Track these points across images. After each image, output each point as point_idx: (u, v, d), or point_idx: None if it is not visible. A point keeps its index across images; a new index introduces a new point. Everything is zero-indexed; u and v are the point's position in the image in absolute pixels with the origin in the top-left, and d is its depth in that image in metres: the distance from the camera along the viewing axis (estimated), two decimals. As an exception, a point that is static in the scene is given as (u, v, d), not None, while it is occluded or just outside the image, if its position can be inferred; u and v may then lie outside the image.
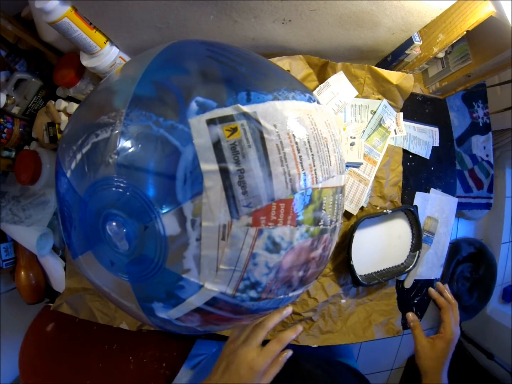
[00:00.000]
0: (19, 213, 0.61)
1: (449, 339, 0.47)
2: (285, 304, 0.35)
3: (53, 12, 0.44)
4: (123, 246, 0.29)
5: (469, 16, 0.47)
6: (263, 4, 0.45)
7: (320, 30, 0.52)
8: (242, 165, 0.27)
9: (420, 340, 0.49)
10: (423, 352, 0.48)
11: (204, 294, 0.29)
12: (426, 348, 0.48)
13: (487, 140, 1.18)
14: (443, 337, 0.47)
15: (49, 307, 0.63)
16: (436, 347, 0.47)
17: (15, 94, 0.62)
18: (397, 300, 0.63)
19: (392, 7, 0.47)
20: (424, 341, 0.49)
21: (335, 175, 0.33)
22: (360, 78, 0.61)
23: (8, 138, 0.62)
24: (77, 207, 0.31)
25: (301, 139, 0.29)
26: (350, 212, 0.59)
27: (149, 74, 0.31)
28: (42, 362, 0.62)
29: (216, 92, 0.28)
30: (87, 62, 0.53)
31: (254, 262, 0.29)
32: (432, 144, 0.67)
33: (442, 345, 0.47)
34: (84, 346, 0.63)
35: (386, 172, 0.62)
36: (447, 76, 0.64)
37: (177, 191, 0.27)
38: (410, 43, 0.56)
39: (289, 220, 0.29)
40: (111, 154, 0.28)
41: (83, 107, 0.35)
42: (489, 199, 1.21)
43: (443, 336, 0.47)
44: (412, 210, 0.61)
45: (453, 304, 0.52)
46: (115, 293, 0.34)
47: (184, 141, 0.27)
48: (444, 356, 0.46)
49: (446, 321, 0.49)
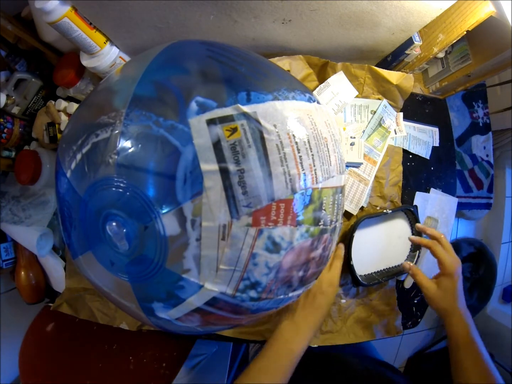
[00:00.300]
0: (19, 213, 0.61)
1: (450, 272, 0.46)
2: (285, 304, 0.35)
3: (53, 12, 0.44)
4: (123, 246, 0.29)
5: (469, 16, 0.47)
6: (263, 4, 0.45)
7: (320, 30, 0.52)
8: (242, 165, 0.27)
9: (425, 284, 0.47)
10: (432, 294, 0.47)
11: (204, 294, 0.29)
12: (433, 290, 0.47)
13: (487, 140, 1.18)
14: (444, 273, 0.46)
15: (49, 307, 0.63)
16: (442, 285, 0.46)
17: (15, 94, 0.62)
18: (397, 300, 0.63)
19: (392, 7, 0.47)
20: (429, 283, 0.47)
21: (335, 175, 0.33)
22: (360, 78, 0.61)
23: (8, 138, 0.62)
24: (77, 207, 0.31)
25: (301, 139, 0.29)
26: (350, 212, 0.59)
27: (149, 74, 0.31)
28: (42, 362, 0.62)
29: (216, 92, 0.28)
30: (87, 62, 0.53)
31: (254, 262, 0.29)
32: (432, 144, 0.67)
33: (446, 282, 0.46)
34: (84, 346, 0.63)
35: (386, 172, 0.62)
36: (447, 76, 0.64)
37: (177, 191, 0.27)
38: (410, 43, 0.56)
39: (289, 220, 0.29)
40: (111, 154, 0.28)
41: (83, 107, 0.35)
42: (489, 199, 1.21)
43: (444, 272, 0.46)
44: (412, 210, 0.61)
45: (438, 237, 0.49)
46: (115, 293, 0.34)
47: (184, 141, 0.27)
48: (454, 290, 0.45)
49: (440, 257, 0.47)
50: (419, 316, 0.66)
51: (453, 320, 0.44)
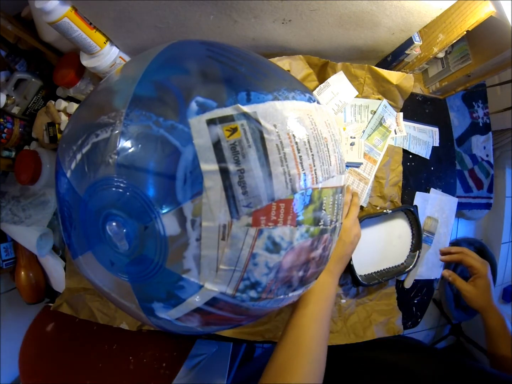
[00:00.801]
0: (19, 213, 0.61)
1: (484, 273, 0.53)
2: (285, 304, 0.35)
3: (53, 12, 0.44)
4: (123, 246, 0.29)
5: (469, 16, 0.47)
6: (263, 4, 0.45)
7: (320, 30, 0.52)
8: (242, 165, 0.27)
9: (464, 288, 0.55)
10: (472, 295, 0.54)
11: (204, 294, 0.29)
12: (472, 291, 0.54)
13: (487, 140, 1.18)
14: (479, 275, 0.54)
15: (49, 307, 0.63)
16: (479, 286, 0.53)
17: (15, 94, 0.62)
18: (397, 300, 0.63)
19: (392, 7, 0.47)
20: (468, 286, 0.55)
21: (335, 175, 0.33)
22: (360, 78, 0.61)
23: (8, 138, 0.62)
24: (77, 207, 0.31)
25: (301, 139, 0.29)
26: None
27: (149, 74, 0.31)
28: (42, 362, 0.62)
29: (216, 92, 0.28)
30: (87, 62, 0.53)
31: (254, 262, 0.29)
32: (432, 144, 0.67)
33: (482, 282, 0.53)
34: (84, 346, 0.63)
35: (386, 172, 0.62)
36: (447, 76, 0.64)
37: (177, 191, 0.27)
38: (410, 43, 0.56)
39: (289, 220, 0.29)
40: (111, 154, 0.28)
41: (83, 107, 0.35)
42: (489, 199, 1.21)
43: (479, 275, 0.54)
44: (412, 210, 0.61)
45: (463, 251, 0.58)
46: (115, 293, 0.34)
47: (184, 141, 0.27)
48: (489, 289, 0.53)
49: (471, 263, 0.55)
50: (419, 316, 0.66)
51: (490, 314, 0.52)
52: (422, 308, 0.66)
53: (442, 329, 1.52)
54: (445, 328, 1.50)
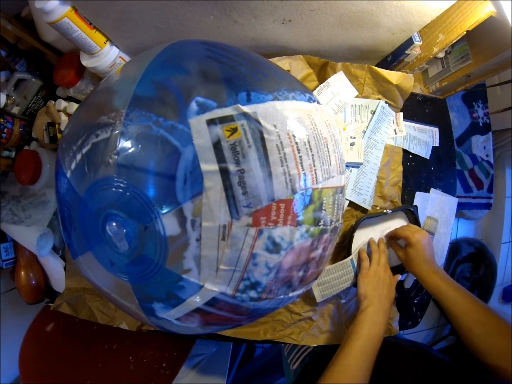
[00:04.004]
0: (19, 213, 0.61)
1: (413, 242, 0.52)
2: (285, 304, 0.35)
3: (53, 12, 0.44)
4: (123, 246, 0.29)
5: (469, 16, 0.47)
6: (263, 4, 0.45)
7: (320, 30, 0.52)
8: (242, 165, 0.27)
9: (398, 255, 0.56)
10: (404, 263, 0.55)
11: (204, 294, 0.29)
12: (402, 258, 0.55)
13: (487, 140, 1.18)
14: (409, 244, 0.53)
15: (49, 307, 0.63)
16: (409, 254, 0.53)
17: (15, 94, 0.62)
18: (397, 300, 0.63)
19: (392, 7, 0.47)
20: (399, 254, 0.56)
21: (335, 175, 0.33)
22: (360, 78, 0.61)
23: (8, 138, 0.62)
24: (77, 207, 0.31)
25: (301, 139, 0.29)
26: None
27: (149, 74, 0.31)
28: (42, 362, 0.62)
29: (216, 92, 0.28)
30: (87, 62, 0.53)
31: (254, 262, 0.29)
32: (432, 144, 0.67)
33: (411, 251, 0.53)
34: (84, 346, 0.63)
35: (386, 172, 0.62)
36: (447, 76, 0.64)
37: (177, 191, 0.27)
38: (410, 43, 0.56)
39: (289, 220, 0.29)
40: (111, 154, 0.28)
41: (83, 107, 0.35)
42: (489, 199, 1.21)
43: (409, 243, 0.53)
44: (412, 210, 0.61)
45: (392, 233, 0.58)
46: (115, 293, 0.34)
47: (184, 141, 0.27)
48: (420, 257, 0.52)
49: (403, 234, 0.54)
50: (419, 316, 0.66)
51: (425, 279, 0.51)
52: (422, 308, 0.66)
53: (442, 329, 1.52)
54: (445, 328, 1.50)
